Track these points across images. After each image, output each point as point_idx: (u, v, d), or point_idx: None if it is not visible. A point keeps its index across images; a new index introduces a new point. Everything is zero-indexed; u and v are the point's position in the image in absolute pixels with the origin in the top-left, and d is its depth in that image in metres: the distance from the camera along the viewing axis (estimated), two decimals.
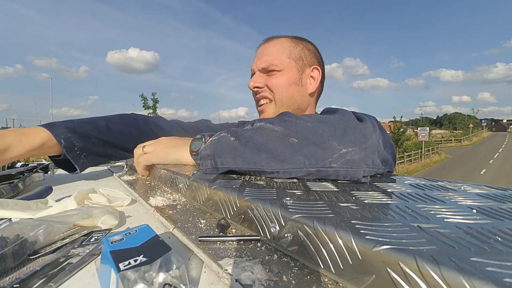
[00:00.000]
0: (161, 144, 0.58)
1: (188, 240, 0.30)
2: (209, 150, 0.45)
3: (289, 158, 0.40)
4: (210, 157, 0.45)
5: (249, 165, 0.42)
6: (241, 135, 0.45)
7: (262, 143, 0.42)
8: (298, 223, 0.24)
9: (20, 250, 0.25)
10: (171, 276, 0.20)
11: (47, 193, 0.48)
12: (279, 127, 0.43)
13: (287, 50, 0.68)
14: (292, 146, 0.40)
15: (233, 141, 0.45)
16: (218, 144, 0.45)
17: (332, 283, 0.22)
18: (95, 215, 0.34)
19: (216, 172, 0.46)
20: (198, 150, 0.50)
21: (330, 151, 0.39)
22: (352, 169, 0.39)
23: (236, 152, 0.43)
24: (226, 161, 0.44)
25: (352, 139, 0.39)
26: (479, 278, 0.14)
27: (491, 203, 0.28)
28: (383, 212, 0.25)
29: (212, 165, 0.45)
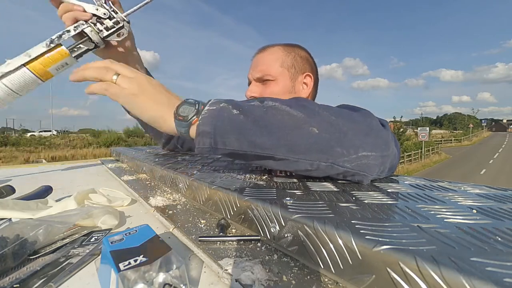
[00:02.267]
0: (140, 88, 0.41)
1: (188, 240, 0.30)
2: (209, 127, 0.36)
3: (304, 148, 0.36)
4: (210, 135, 0.37)
5: (255, 149, 0.37)
6: (248, 110, 0.38)
7: (276, 125, 0.37)
8: (298, 223, 0.24)
9: (20, 250, 0.25)
10: (171, 276, 0.20)
11: (47, 193, 0.48)
12: (299, 112, 0.38)
13: (280, 59, 0.70)
14: (311, 137, 0.36)
15: (236, 115, 0.37)
16: (220, 119, 0.37)
17: (332, 283, 0.22)
18: (95, 215, 0.34)
19: (213, 153, 0.38)
20: (186, 116, 0.39)
21: (348, 150, 0.36)
22: (363, 173, 0.37)
23: (242, 131, 0.37)
24: (228, 142, 0.37)
25: (374, 144, 0.38)
26: (479, 278, 0.14)
27: (491, 203, 0.28)
28: (383, 212, 0.25)
29: (210, 144, 0.37)
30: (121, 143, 16.87)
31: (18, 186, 0.50)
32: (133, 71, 0.42)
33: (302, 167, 0.38)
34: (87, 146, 17.59)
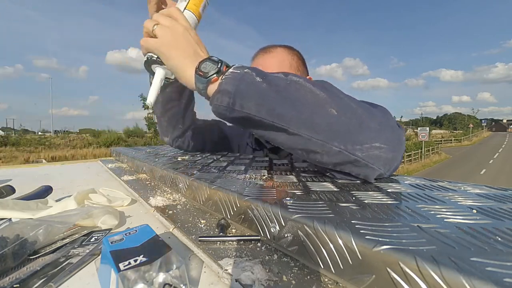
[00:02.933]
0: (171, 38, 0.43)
1: (188, 240, 0.30)
2: (231, 87, 0.37)
3: (320, 127, 0.36)
4: (230, 95, 0.37)
5: (272, 118, 0.36)
6: (271, 80, 0.38)
7: (298, 99, 0.36)
8: (298, 223, 0.24)
9: (20, 250, 0.25)
10: (171, 276, 0.20)
11: (47, 193, 0.48)
12: (321, 92, 0.37)
13: (287, 61, 0.70)
14: (329, 117, 0.36)
15: (259, 82, 0.37)
16: (243, 83, 0.37)
17: (332, 283, 0.22)
18: (95, 215, 0.34)
19: (228, 114, 0.38)
20: (207, 73, 0.39)
21: (363, 139, 0.36)
22: (372, 165, 0.37)
23: (264, 98, 0.36)
24: (247, 106, 0.37)
25: (388, 137, 0.37)
26: (479, 278, 0.14)
27: (491, 203, 0.28)
28: (383, 212, 0.25)
29: (228, 104, 0.37)
30: (121, 143, 16.87)
31: (18, 186, 0.50)
32: (171, 21, 0.44)
33: (312, 146, 0.37)
34: (87, 146, 17.60)
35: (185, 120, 0.74)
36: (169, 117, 0.73)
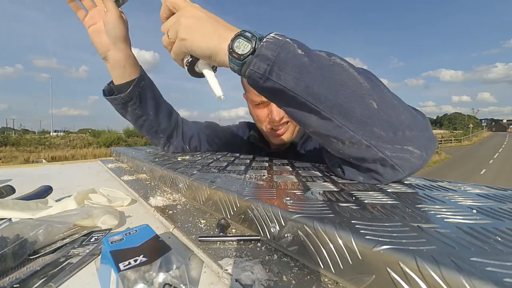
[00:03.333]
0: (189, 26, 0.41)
1: (188, 240, 0.30)
2: (271, 53, 0.33)
3: (356, 117, 0.33)
4: (269, 62, 0.33)
5: (308, 97, 0.33)
6: (314, 55, 0.34)
7: (339, 82, 0.33)
8: (298, 223, 0.24)
9: (20, 250, 0.25)
10: (171, 276, 0.20)
11: (47, 193, 0.48)
12: (364, 81, 0.35)
13: None
14: (368, 109, 0.33)
15: (301, 55, 0.34)
16: (284, 51, 0.33)
17: (332, 283, 0.22)
18: (95, 215, 0.34)
19: (261, 82, 0.35)
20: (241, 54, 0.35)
21: (396, 139, 0.34)
22: (399, 169, 0.35)
23: (302, 73, 0.33)
24: (284, 77, 0.33)
25: (423, 144, 0.35)
26: (479, 278, 0.14)
27: (491, 203, 0.28)
28: (383, 212, 0.25)
29: (265, 71, 0.33)
30: (121, 143, 16.87)
31: (18, 186, 0.50)
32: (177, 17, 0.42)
33: (341, 135, 0.35)
34: (87, 146, 17.60)
35: (162, 127, 0.75)
36: (147, 131, 0.75)
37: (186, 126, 0.82)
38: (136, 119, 0.70)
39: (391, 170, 0.36)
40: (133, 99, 0.65)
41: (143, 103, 0.68)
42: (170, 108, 0.77)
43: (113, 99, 0.66)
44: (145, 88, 0.67)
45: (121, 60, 0.61)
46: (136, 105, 0.67)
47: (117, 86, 0.65)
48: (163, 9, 0.45)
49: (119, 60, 0.61)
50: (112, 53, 0.60)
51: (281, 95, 0.35)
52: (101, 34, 0.59)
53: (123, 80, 0.64)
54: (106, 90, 0.68)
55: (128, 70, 0.63)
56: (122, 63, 0.61)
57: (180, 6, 0.43)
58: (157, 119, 0.72)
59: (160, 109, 0.72)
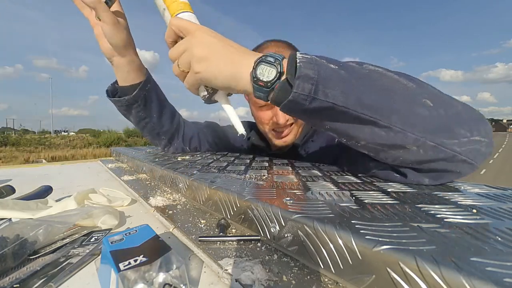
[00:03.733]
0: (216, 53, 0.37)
1: (188, 240, 0.30)
2: (312, 71, 0.31)
3: (415, 119, 0.32)
4: (313, 81, 0.31)
5: (362, 109, 0.31)
6: (348, 67, 0.33)
7: (385, 89, 0.32)
8: (298, 223, 0.24)
9: (20, 250, 0.25)
10: (171, 276, 0.20)
11: (47, 193, 0.48)
12: (408, 81, 0.33)
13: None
14: (424, 109, 0.32)
15: (336, 69, 0.32)
16: (322, 68, 0.31)
17: (332, 283, 0.22)
18: (95, 215, 0.34)
19: (306, 104, 0.32)
20: (267, 82, 0.34)
21: (460, 132, 0.32)
22: (471, 161, 0.33)
23: (348, 86, 0.31)
24: (332, 94, 0.31)
25: (485, 130, 0.33)
26: (479, 278, 0.14)
27: (491, 203, 0.28)
28: (383, 212, 0.25)
29: (310, 91, 0.31)
30: (121, 143, 16.88)
31: (18, 186, 0.50)
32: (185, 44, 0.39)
33: (402, 141, 0.33)
34: (87, 146, 17.60)
35: (164, 129, 0.75)
36: (149, 132, 0.75)
37: (187, 127, 0.82)
38: (139, 120, 0.70)
39: (463, 165, 0.34)
40: (137, 101, 0.65)
41: (147, 105, 0.68)
42: (172, 109, 0.77)
43: (117, 101, 0.66)
44: (150, 91, 0.67)
45: (124, 65, 0.61)
46: (140, 107, 0.67)
47: (122, 87, 0.64)
48: (168, 33, 0.42)
49: (122, 65, 0.60)
50: (116, 58, 0.59)
51: (329, 113, 0.33)
52: (104, 39, 0.57)
53: (127, 83, 0.64)
54: (109, 90, 0.68)
55: (132, 75, 0.63)
56: (126, 68, 0.61)
57: (188, 31, 0.39)
58: (160, 121, 0.72)
59: (164, 112, 0.72)
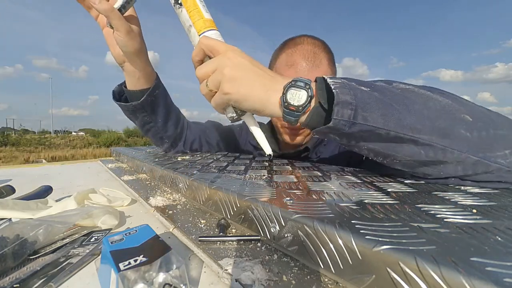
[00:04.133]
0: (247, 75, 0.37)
1: (188, 240, 0.30)
2: (350, 97, 0.31)
3: (455, 135, 0.31)
4: (352, 106, 0.31)
5: (402, 129, 0.31)
6: (379, 89, 0.33)
7: (422, 107, 0.32)
8: (298, 223, 0.24)
9: (20, 250, 0.25)
10: (171, 276, 0.20)
11: (47, 193, 0.48)
12: (443, 98, 0.33)
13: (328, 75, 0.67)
14: (464, 124, 0.31)
15: (369, 91, 0.32)
16: (357, 91, 0.32)
17: (332, 283, 0.22)
18: (95, 215, 0.34)
19: (346, 129, 0.32)
20: (298, 106, 0.34)
21: (501, 143, 0.32)
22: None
23: (387, 108, 0.31)
24: (372, 117, 0.31)
25: None
26: (479, 278, 0.14)
27: (491, 203, 0.28)
28: (383, 212, 0.25)
29: (349, 116, 0.31)
30: (121, 143, 16.88)
31: (18, 186, 0.50)
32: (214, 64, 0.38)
33: (445, 157, 0.32)
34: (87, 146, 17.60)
35: (168, 134, 0.74)
36: (152, 136, 0.74)
37: (189, 131, 0.81)
38: (144, 124, 0.70)
39: (509, 175, 0.33)
40: (144, 107, 0.65)
41: (153, 111, 0.67)
42: (178, 113, 0.76)
43: (124, 106, 0.65)
44: (158, 97, 0.66)
45: (135, 72, 0.60)
46: (146, 113, 0.66)
47: (129, 91, 0.64)
48: (196, 52, 0.41)
49: (133, 72, 0.60)
50: (127, 64, 0.59)
51: (367, 135, 0.33)
52: (115, 45, 0.56)
53: (136, 88, 0.63)
54: (116, 91, 0.67)
55: (142, 81, 0.62)
56: (136, 74, 0.60)
57: (219, 51, 0.39)
58: (165, 126, 0.71)
59: (169, 117, 0.72)
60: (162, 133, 0.73)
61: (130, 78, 0.62)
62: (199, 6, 0.41)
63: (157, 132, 0.72)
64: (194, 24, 0.41)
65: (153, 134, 0.73)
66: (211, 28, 0.42)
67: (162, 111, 0.68)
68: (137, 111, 0.65)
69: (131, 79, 0.62)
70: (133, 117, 0.68)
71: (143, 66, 0.60)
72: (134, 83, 0.62)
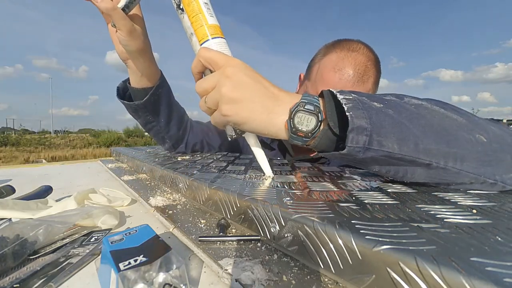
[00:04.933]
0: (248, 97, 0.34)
1: (188, 240, 0.30)
2: (365, 121, 0.28)
3: (472, 158, 0.30)
4: (367, 132, 0.28)
5: (417, 154, 0.29)
6: (394, 105, 0.31)
7: (440, 127, 0.30)
8: (298, 223, 0.24)
9: (20, 250, 0.25)
10: (171, 276, 0.20)
11: (47, 193, 0.48)
12: (458, 116, 0.31)
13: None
14: (479, 145, 0.30)
15: (383, 108, 0.30)
16: (373, 112, 0.29)
17: (332, 283, 0.22)
18: (95, 215, 0.34)
19: (360, 155, 0.30)
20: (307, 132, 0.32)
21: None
22: None
23: (403, 131, 0.29)
24: (387, 143, 0.29)
25: None
26: (479, 278, 0.14)
27: (491, 203, 0.28)
28: (383, 212, 0.25)
29: (364, 143, 0.29)
30: (121, 143, 16.88)
31: (18, 186, 0.50)
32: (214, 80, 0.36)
33: (460, 179, 0.31)
34: (87, 146, 17.60)
35: (170, 134, 0.73)
36: (154, 134, 0.74)
37: (192, 133, 0.80)
38: (146, 123, 0.70)
39: None
40: (146, 107, 0.64)
41: (156, 110, 0.67)
42: (182, 114, 0.75)
43: (127, 105, 0.65)
44: (162, 95, 0.66)
45: (138, 70, 0.60)
46: (149, 112, 0.66)
47: (133, 89, 0.64)
48: (195, 64, 0.38)
49: (136, 69, 0.60)
50: (130, 62, 0.58)
51: (381, 159, 0.31)
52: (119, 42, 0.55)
53: (139, 86, 0.63)
54: (120, 88, 0.66)
55: (145, 79, 0.62)
56: (139, 72, 0.60)
57: (218, 65, 0.36)
58: (167, 126, 0.71)
59: (172, 117, 0.71)
60: (164, 133, 0.72)
61: (134, 76, 0.61)
62: (203, 10, 0.38)
63: (159, 132, 0.72)
64: (195, 32, 0.39)
65: (155, 133, 0.73)
66: (214, 35, 0.38)
67: (164, 111, 0.68)
68: (139, 110, 0.65)
69: (135, 77, 0.62)
70: (136, 116, 0.68)
71: (146, 65, 0.60)
72: (138, 80, 0.62)
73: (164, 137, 0.74)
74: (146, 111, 0.65)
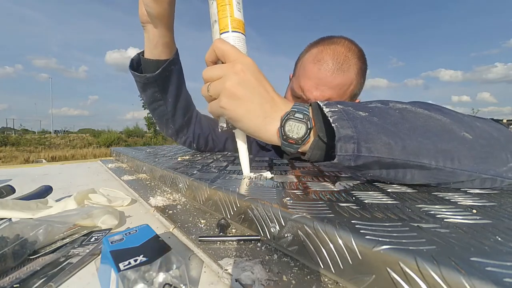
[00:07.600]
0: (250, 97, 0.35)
1: (188, 240, 0.30)
2: (351, 130, 0.30)
3: (462, 155, 0.30)
4: (354, 140, 0.30)
5: (407, 156, 0.30)
6: (378, 112, 0.32)
7: (424, 129, 0.31)
8: (298, 223, 0.24)
9: (20, 250, 0.25)
10: (171, 276, 0.20)
11: (47, 193, 0.48)
12: (441, 116, 0.32)
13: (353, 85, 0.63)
14: (467, 142, 0.31)
15: (367, 116, 0.31)
16: (357, 121, 0.30)
17: (332, 283, 0.22)
18: (95, 215, 0.34)
19: (352, 162, 0.31)
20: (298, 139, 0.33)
21: (506, 158, 0.32)
22: None
23: (390, 135, 0.30)
24: (375, 148, 0.30)
25: None
26: (479, 278, 0.14)
27: (491, 203, 0.28)
28: (383, 212, 0.25)
29: (353, 151, 0.30)
30: (121, 143, 16.87)
31: (18, 186, 0.50)
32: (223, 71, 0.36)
33: (454, 178, 0.32)
34: (87, 146, 17.59)
35: (176, 119, 0.71)
36: (158, 116, 0.71)
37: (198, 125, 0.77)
38: (152, 101, 0.67)
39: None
40: (157, 81, 0.63)
41: (166, 88, 0.65)
42: (189, 100, 0.73)
43: (137, 76, 0.63)
44: (173, 73, 0.64)
45: (154, 36, 0.58)
46: (158, 88, 0.64)
47: (146, 60, 0.62)
48: (209, 53, 0.39)
49: (153, 35, 0.58)
50: (149, 26, 0.57)
51: (376, 165, 0.32)
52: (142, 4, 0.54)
53: (153, 57, 0.61)
54: (134, 60, 0.65)
55: (159, 48, 0.60)
56: (155, 39, 0.58)
57: (230, 58, 0.36)
58: (173, 108, 0.69)
59: (180, 99, 0.69)
60: (169, 115, 0.70)
61: (149, 43, 0.59)
62: (232, 3, 0.38)
63: (164, 114, 0.69)
64: (219, 20, 0.39)
65: (160, 115, 0.70)
66: (235, 29, 0.38)
67: (173, 91, 0.66)
68: (149, 84, 0.63)
69: (149, 44, 0.59)
70: (143, 91, 0.66)
71: (164, 33, 0.57)
72: (151, 49, 0.60)
73: (169, 120, 0.71)
74: (156, 85, 0.63)
